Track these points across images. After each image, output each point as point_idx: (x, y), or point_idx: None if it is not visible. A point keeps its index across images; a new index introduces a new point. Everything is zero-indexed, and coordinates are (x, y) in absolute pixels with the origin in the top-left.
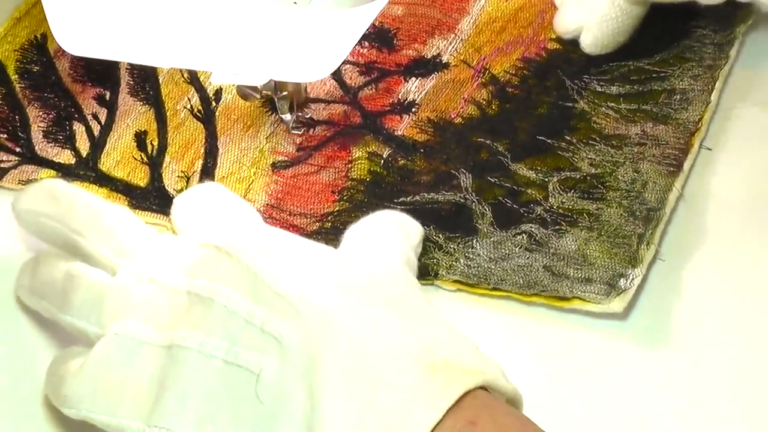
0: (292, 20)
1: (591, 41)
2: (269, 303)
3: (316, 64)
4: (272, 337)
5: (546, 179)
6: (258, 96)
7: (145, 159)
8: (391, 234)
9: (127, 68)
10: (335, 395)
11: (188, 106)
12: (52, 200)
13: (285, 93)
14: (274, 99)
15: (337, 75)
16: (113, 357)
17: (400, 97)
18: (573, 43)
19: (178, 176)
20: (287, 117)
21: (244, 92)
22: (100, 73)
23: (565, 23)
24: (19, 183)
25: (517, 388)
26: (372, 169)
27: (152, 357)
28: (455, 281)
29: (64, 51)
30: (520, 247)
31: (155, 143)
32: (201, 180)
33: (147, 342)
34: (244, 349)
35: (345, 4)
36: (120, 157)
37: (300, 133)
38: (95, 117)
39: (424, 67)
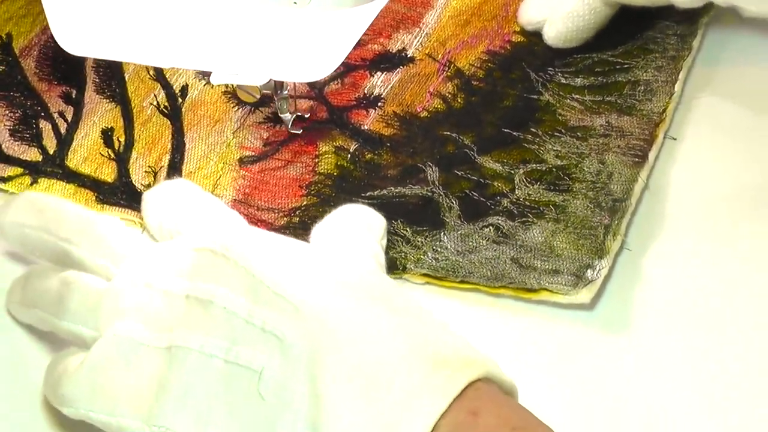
0: (292, 20)
1: (555, 35)
2: (269, 303)
3: (316, 64)
4: (273, 335)
5: (512, 171)
6: (257, 96)
7: (112, 155)
8: (358, 231)
9: (92, 66)
10: (339, 390)
11: (154, 103)
12: (36, 211)
13: (285, 93)
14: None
15: None
16: (112, 357)
17: (366, 91)
18: (537, 36)
19: (146, 171)
20: (287, 117)
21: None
22: (66, 72)
23: (529, 14)
24: None
25: (513, 380)
26: (339, 163)
27: (151, 358)
28: (423, 275)
29: (29, 50)
30: (488, 240)
31: (122, 140)
32: (168, 175)
33: (145, 344)
34: (245, 349)
35: (345, 4)
36: (87, 154)
37: (298, 132)
38: (62, 115)
39: (390, 61)
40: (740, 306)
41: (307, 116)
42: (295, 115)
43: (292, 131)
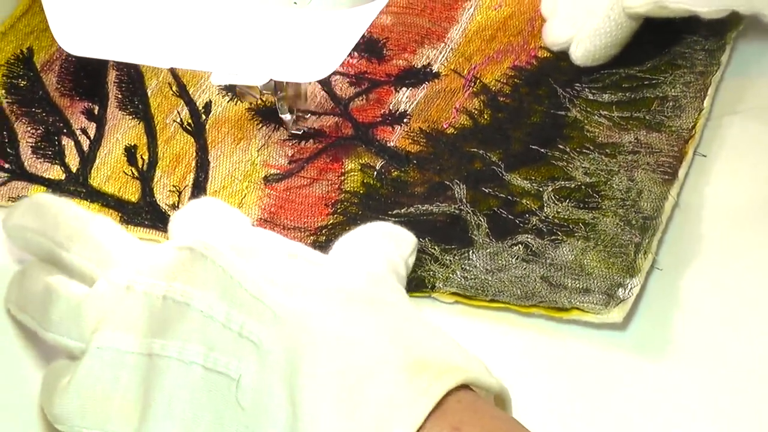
0: (292, 20)
1: (582, 54)
2: (246, 306)
3: (316, 64)
4: (250, 341)
5: (540, 189)
6: (257, 96)
7: (136, 174)
8: (379, 244)
9: (114, 82)
10: (317, 401)
11: (178, 120)
12: (37, 214)
13: (284, 93)
14: (265, 108)
15: (327, 86)
16: (97, 372)
17: (391, 107)
18: (564, 52)
19: (170, 191)
20: (287, 117)
21: (243, 92)
22: (88, 87)
23: (554, 35)
24: (9, 200)
25: (502, 383)
26: (365, 181)
27: (135, 367)
28: (452, 293)
29: (51, 65)
30: (517, 258)
31: (145, 157)
32: (193, 194)
33: (129, 352)
34: (222, 355)
35: (345, 4)
36: (110, 172)
37: (299, 133)
38: (84, 132)
39: (415, 77)
40: None
41: (308, 116)
42: (295, 115)
43: (292, 132)
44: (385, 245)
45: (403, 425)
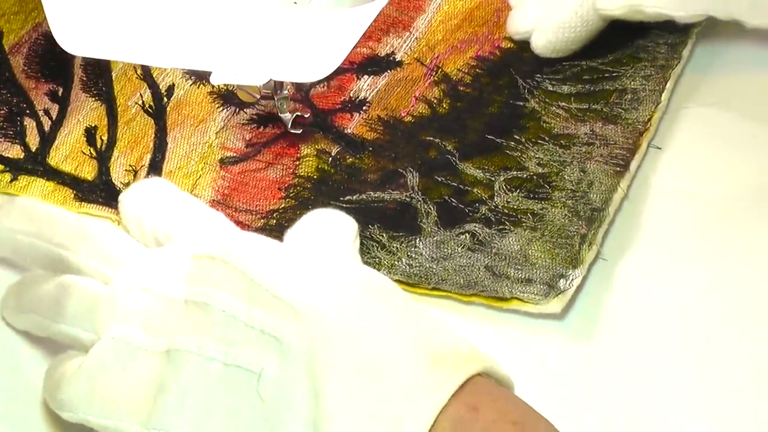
0: (292, 20)
1: (543, 44)
2: (267, 305)
3: (316, 64)
4: (272, 337)
5: (492, 178)
6: (258, 96)
7: (94, 153)
8: (332, 234)
9: (81, 64)
10: (339, 388)
11: (140, 102)
12: (28, 217)
13: (285, 92)
14: (226, 92)
15: None
16: (110, 360)
17: (351, 95)
18: (527, 43)
19: (126, 170)
20: (287, 117)
21: (243, 92)
22: (54, 69)
23: (517, 24)
24: None
25: (510, 376)
26: (320, 166)
27: (148, 362)
28: (396, 281)
29: (19, 47)
30: (463, 247)
31: (105, 138)
32: (149, 174)
33: (143, 348)
34: (243, 351)
35: (345, 4)
36: (69, 152)
37: (299, 132)
38: (47, 113)
39: (378, 65)
40: (711, 318)
41: (307, 115)
42: (295, 115)
43: (292, 131)
44: (337, 237)
45: (426, 408)
